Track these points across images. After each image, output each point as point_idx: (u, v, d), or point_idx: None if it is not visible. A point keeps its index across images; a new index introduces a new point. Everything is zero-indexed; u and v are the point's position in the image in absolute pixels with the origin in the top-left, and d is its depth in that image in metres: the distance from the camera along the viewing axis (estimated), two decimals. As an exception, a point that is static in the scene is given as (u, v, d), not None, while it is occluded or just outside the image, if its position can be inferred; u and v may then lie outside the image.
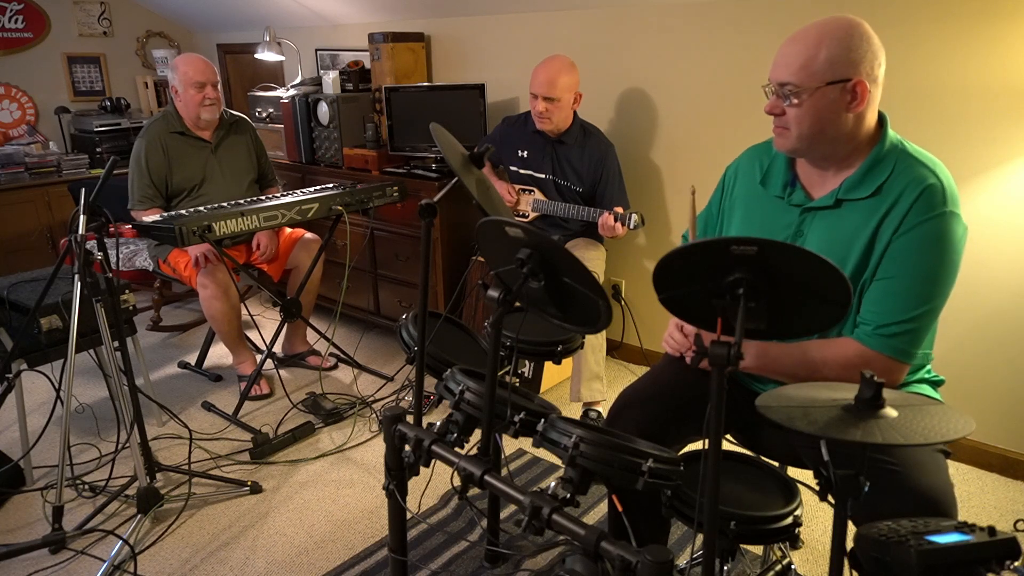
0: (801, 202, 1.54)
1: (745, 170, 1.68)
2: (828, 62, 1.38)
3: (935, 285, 1.40)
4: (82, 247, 1.99)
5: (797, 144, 1.47)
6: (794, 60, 1.41)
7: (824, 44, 1.38)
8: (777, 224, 1.57)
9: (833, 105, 1.40)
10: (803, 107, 1.42)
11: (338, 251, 3.67)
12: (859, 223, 1.44)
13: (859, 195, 1.45)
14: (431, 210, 1.70)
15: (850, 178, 1.46)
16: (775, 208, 1.58)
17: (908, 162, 1.44)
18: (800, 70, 1.40)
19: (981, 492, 2.44)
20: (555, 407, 1.62)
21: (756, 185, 1.63)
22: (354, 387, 3.24)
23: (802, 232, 1.53)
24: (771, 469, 1.54)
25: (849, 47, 1.38)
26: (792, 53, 1.41)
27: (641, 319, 3.38)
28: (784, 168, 1.59)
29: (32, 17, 4.65)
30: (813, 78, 1.39)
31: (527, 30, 3.44)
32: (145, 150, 3.00)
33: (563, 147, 2.93)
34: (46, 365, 2.45)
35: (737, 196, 1.69)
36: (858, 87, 1.39)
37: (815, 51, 1.39)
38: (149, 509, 2.25)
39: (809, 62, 1.39)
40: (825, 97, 1.40)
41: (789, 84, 1.42)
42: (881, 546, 1.03)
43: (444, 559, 2.12)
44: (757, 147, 1.68)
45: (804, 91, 1.40)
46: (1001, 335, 2.44)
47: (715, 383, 1.07)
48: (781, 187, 1.58)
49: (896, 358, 1.42)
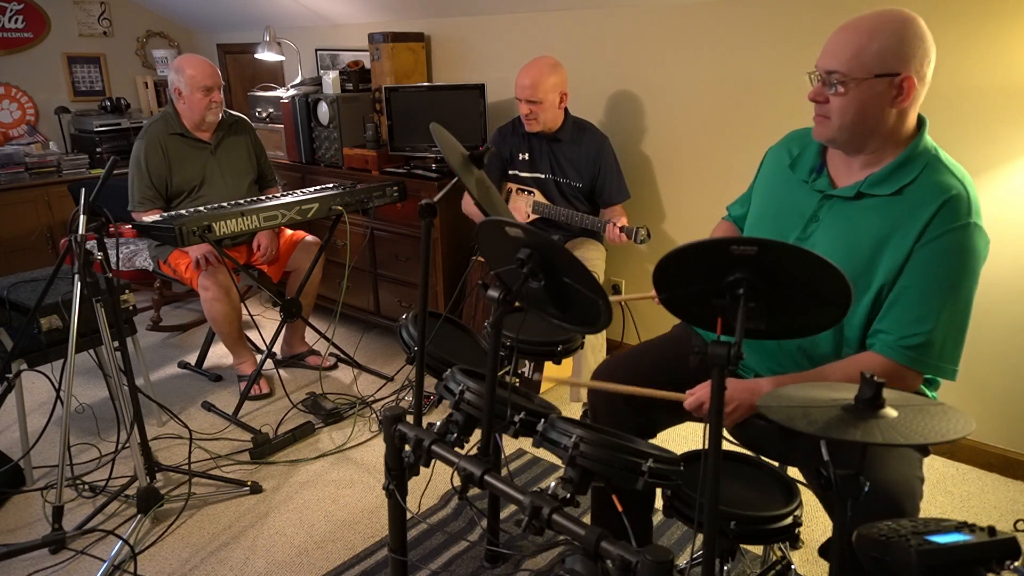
0: (824, 188, 1.53)
1: (779, 153, 1.69)
2: (879, 54, 1.36)
3: (958, 296, 1.39)
4: (82, 247, 1.99)
5: (837, 134, 1.46)
6: (844, 49, 1.39)
7: (877, 35, 1.36)
8: (796, 207, 1.57)
9: (878, 98, 1.39)
10: (848, 97, 1.40)
11: (338, 251, 3.67)
12: (875, 221, 1.44)
13: (881, 192, 1.44)
14: (431, 210, 1.70)
15: (876, 173, 1.46)
16: (799, 191, 1.59)
17: (937, 168, 1.42)
18: (850, 59, 1.38)
19: (981, 492, 2.44)
20: (555, 407, 1.62)
21: (785, 168, 1.64)
22: (354, 387, 3.24)
23: (817, 218, 1.53)
24: (771, 469, 1.54)
25: (903, 40, 1.36)
26: (843, 42, 1.39)
27: (641, 319, 3.38)
28: (815, 154, 1.59)
29: (32, 17, 4.65)
30: (862, 68, 1.37)
31: (527, 30, 3.44)
32: (145, 151, 2.99)
33: (559, 145, 2.93)
34: (46, 365, 2.45)
35: (764, 176, 1.71)
36: (906, 83, 1.37)
37: (867, 41, 1.37)
38: (149, 509, 2.25)
39: (860, 52, 1.37)
40: (871, 89, 1.38)
41: (836, 72, 1.40)
42: (881, 546, 1.03)
43: (444, 559, 2.12)
44: (798, 132, 1.68)
45: (851, 81, 1.38)
46: (1001, 335, 2.44)
47: (715, 383, 1.07)
48: (808, 172, 1.58)
49: (916, 369, 1.41)
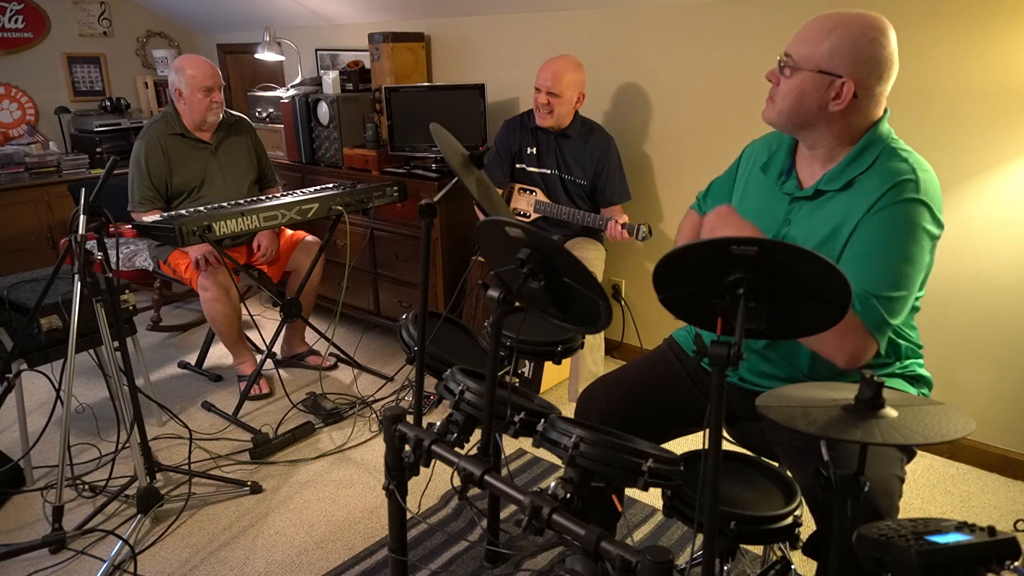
0: (792, 191, 1.54)
1: (759, 152, 1.68)
2: (829, 51, 1.38)
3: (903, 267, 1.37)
4: (82, 247, 1.99)
5: (775, 118, 1.49)
6: (804, 36, 1.42)
7: (834, 33, 1.38)
8: (769, 211, 1.57)
9: (815, 94, 1.41)
10: (791, 83, 1.43)
11: (338, 251, 3.67)
12: (837, 216, 1.44)
13: (834, 187, 1.45)
14: (431, 210, 1.70)
15: (831, 170, 1.47)
16: (771, 195, 1.59)
17: (890, 156, 1.42)
18: (803, 48, 1.41)
19: (981, 492, 2.44)
20: (555, 407, 1.62)
21: (758, 170, 1.63)
22: (354, 387, 3.24)
23: (789, 221, 1.53)
24: (771, 469, 1.54)
25: (855, 46, 1.36)
26: (807, 29, 1.42)
27: (641, 319, 3.38)
28: (784, 156, 1.59)
29: (32, 17, 4.65)
30: (809, 60, 1.40)
31: (527, 30, 3.44)
32: (145, 152, 2.99)
33: (566, 142, 2.95)
34: (46, 365, 2.45)
35: (741, 177, 1.70)
36: (844, 88, 1.38)
37: (824, 36, 1.38)
38: (149, 509, 2.25)
39: (814, 44, 1.39)
40: (810, 82, 1.40)
41: (789, 57, 1.43)
42: (881, 546, 1.03)
43: (444, 559, 2.12)
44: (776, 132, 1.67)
45: (797, 68, 1.42)
46: (1001, 335, 2.44)
47: (715, 383, 1.07)
48: (777, 175, 1.58)
49: (871, 331, 1.36)
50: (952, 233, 2.45)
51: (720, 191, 1.78)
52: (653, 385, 1.72)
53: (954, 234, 2.45)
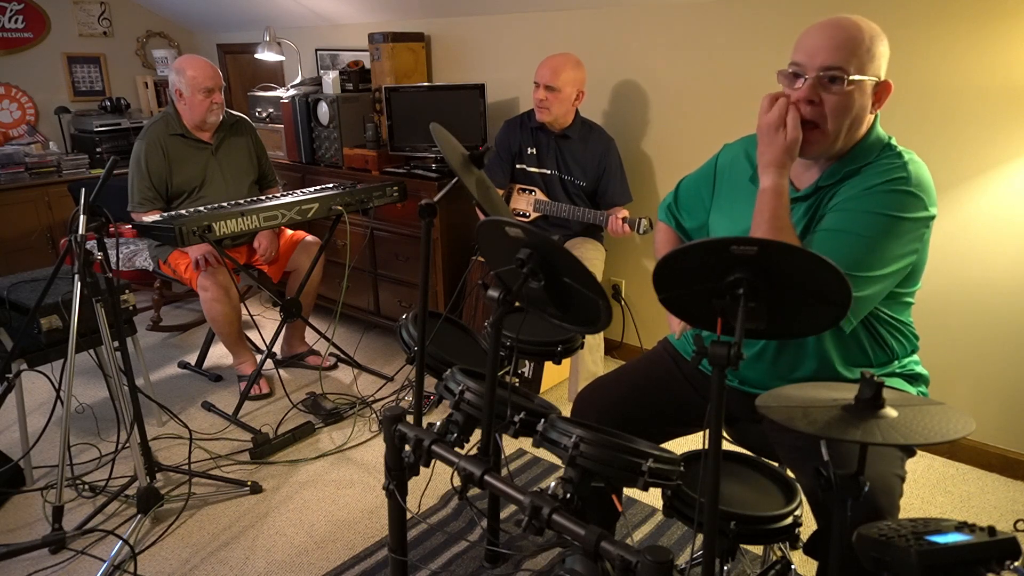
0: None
1: (738, 160, 1.64)
2: (869, 54, 1.33)
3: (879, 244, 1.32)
4: (82, 247, 1.99)
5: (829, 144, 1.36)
6: (844, 44, 1.30)
7: (860, 36, 1.32)
8: None
9: (860, 101, 1.36)
10: (847, 96, 1.32)
11: (338, 251, 3.67)
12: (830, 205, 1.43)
13: (830, 181, 1.44)
14: (431, 210, 1.70)
15: (830, 168, 1.45)
16: None
17: (887, 155, 1.42)
18: (852, 56, 1.30)
19: (981, 492, 2.44)
20: (555, 407, 1.62)
21: (746, 180, 1.60)
22: (354, 387, 3.24)
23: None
24: (771, 469, 1.54)
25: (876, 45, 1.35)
26: (841, 37, 1.32)
27: (641, 319, 3.38)
28: None
29: (32, 17, 4.65)
30: (865, 68, 1.32)
31: (527, 30, 3.44)
32: (145, 152, 2.99)
33: (566, 142, 2.95)
34: (46, 365, 2.45)
35: (723, 183, 1.66)
36: (885, 89, 1.37)
37: (856, 40, 1.32)
38: (149, 509, 2.25)
39: (860, 49, 1.31)
40: (858, 91, 1.34)
41: (837, 68, 1.31)
42: (881, 546, 1.03)
43: (444, 559, 2.12)
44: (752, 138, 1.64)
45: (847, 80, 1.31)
46: (1001, 335, 2.44)
47: (715, 383, 1.07)
48: None
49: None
50: (952, 233, 2.45)
51: (694, 193, 1.75)
52: (650, 387, 1.71)
53: (954, 234, 2.45)
